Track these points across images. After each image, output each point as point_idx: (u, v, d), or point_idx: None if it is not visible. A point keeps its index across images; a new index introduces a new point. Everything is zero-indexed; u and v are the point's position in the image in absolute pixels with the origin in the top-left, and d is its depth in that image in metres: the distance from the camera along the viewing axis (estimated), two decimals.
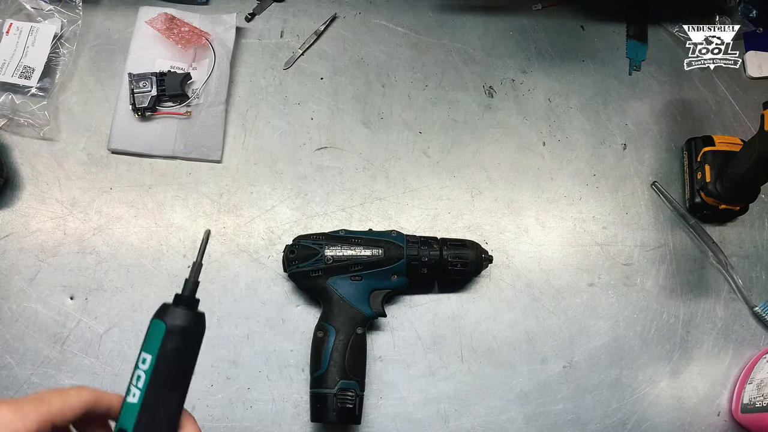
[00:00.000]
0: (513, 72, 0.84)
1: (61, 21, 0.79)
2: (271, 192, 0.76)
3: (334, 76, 0.82)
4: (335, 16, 0.84)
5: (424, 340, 0.72)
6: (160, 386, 0.44)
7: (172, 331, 0.45)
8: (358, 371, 0.65)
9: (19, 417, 0.40)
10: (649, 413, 0.72)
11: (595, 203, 0.80)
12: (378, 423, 0.68)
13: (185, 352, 0.46)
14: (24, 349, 0.67)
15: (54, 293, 0.70)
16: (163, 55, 0.78)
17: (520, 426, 0.70)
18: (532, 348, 0.73)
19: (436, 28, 0.86)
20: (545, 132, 0.82)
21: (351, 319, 0.66)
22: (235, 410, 0.67)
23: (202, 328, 0.46)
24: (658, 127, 0.84)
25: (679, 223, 0.80)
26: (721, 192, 0.75)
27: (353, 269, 0.66)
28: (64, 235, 0.72)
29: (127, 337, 0.69)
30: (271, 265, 0.73)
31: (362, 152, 0.79)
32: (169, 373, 0.45)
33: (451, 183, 0.78)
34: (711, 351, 0.75)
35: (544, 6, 0.88)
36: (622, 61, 0.87)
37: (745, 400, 0.71)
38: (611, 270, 0.77)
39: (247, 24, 0.83)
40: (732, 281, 0.77)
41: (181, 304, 0.46)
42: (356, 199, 0.77)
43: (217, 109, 0.76)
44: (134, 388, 0.43)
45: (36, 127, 0.74)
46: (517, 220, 0.78)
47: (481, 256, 0.70)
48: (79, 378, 0.67)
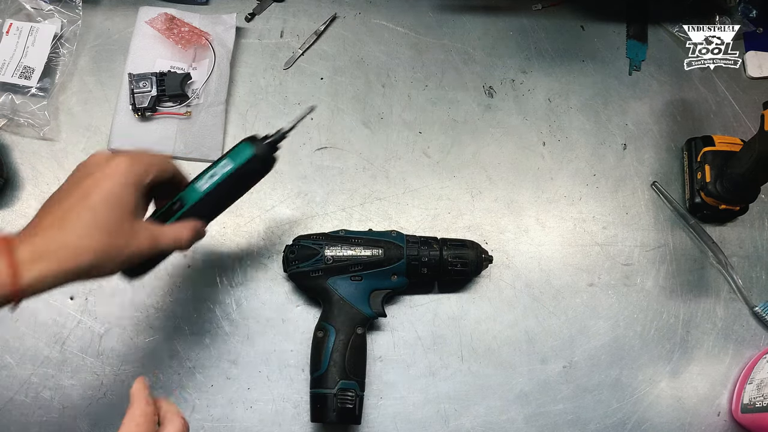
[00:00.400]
0: (513, 72, 0.84)
1: (61, 21, 0.79)
2: (271, 192, 0.76)
3: (334, 76, 0.82)
4: (335, 16, 0.84)
5: (424, 340, 0.72)
6: (225, 189, 0.56)
7: (257, 156, 0.56)
8: (358, 371, 0.65)
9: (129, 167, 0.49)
10: (649, 413, 0.72)
11: (595, 203, 0.80)
12: (378, 423, 0.68)
13: (254, 177, 0.58)
14: (24, 349, 0.67)
15: (54, 293, 0.69)
16: (163, 55, 0.78)
17: (520, 426, 0.70)
18: (532, 348, 0.73)
19: (436, 28, 0.86)
20: (545, 132, 0.82)
21: (351, 319, 0.66)
22: (235, 410, 0.67)
23: (272, 167, 0.58)
24: (658, 127, 0.84)
25: (679, 223, 0.80)
26: (721, 192, 0.75)
27: (353, 269, 0.66)
28: None
29: (127, 337, 0.69)
30: (271, 265, 0.73)
31: (362, 152, 0.79)
32: (234, 184, 0.57)
33: (451, 183, 0.78)
34: (711, 351, 0.75)
35: (544, 6, 0.88)
36: (622, 61, 0.87)
37: (745, 400, 0.71)
38: (611, 270, 0.77)
39: (247, 24, 0.83)
40: (732, 281, 0.77)
41: (267, 143, 0.56)
42: (356, 199, 0.77)
43: (217, 109, 0.76)
44: (207, 179, 0.55)
45: (36, 127, 0.74)
46: (517, 220, 0.78)
47: (481, 256, 0.70)
48: (79, 378, 0.67)
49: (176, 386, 0.67)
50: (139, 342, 0.69)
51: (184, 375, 0.68)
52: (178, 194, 0.56)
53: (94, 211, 0.47)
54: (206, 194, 0.55)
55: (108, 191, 0.48)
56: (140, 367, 0.68)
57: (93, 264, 0.47)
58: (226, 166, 0.55)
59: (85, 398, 0.66)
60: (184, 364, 0.68)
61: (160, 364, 0.68)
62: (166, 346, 0.69)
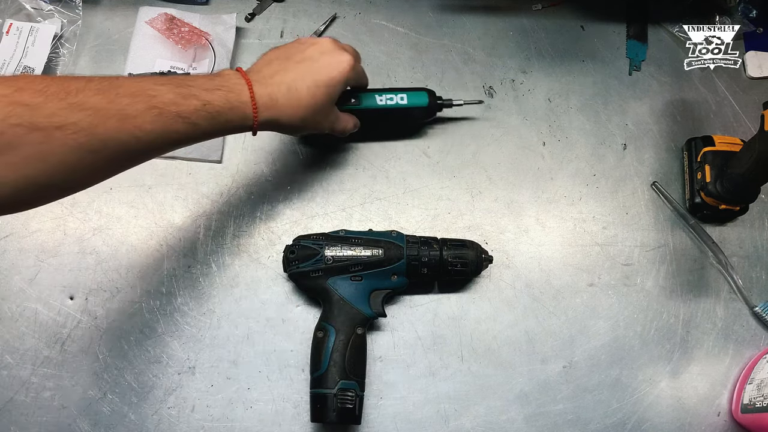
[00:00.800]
0: (513, 72, 0.84)
1: (61, 21, 0.79)
2: (271, 192, 0.76)
3: None
4: (335, 16, 0.84)
5: (424, 340, 0.72)
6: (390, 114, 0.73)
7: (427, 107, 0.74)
8: (358, 371, 0.65)
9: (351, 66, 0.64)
10: (649, 413, 0.72)
11: (595, 203, 0.80)
12: (378, 423, 0.68)
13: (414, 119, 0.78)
14: (24, 349, 0.67)
15: (54, 293, 0.70)
16: (163, 55, 0.78)
17: (520, 426, 0.70)
18: (532, 348, 0.73)
19: (436, 28, 0.86)
20: (545, 132, 0.82)
21: (351, 319, 0.66)
22: (235, 410, 0.67)
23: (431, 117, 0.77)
24: (658, 127, 0.84)
25: (679, 223, 0.80)
26: (721, 192, 0.75)
27: (353, 269, 0.66)
28: (64, 235, 0.72)
29: (127, 337, 0.69)
30: (271, 265, 0.73)
31: (362, 152, 0.79)
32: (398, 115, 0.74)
33: (451, 183, 0.78)
34: (711, 351, 0.75)
35: (544, 6, 0.88)
36: (622, 61, 0.87)
37: (745, 400, 0.71)
38: (611, 270, 0.77)
39: (247, 24, 0.83)
40: (732, 281, 0.77)
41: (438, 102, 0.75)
42: (356, 199, 0.77)
43: None
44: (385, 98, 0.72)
45: None
46: (517, 220, 0.78)
47: (481, 256, 0.70)
48: (79, 378, 0.67)
49: (176, 386, 0.67)
50: (138, 342, 0.69)
51: (184, 375, 0.68)
52: (359, 93, 0.72)
53: (317, 89, 0.61)
54: (378, 108, 0.72)
55: (332, 79, 0.62)
56: (140, 366, 0.68)
57: (296, 127, 0.63)
58: (403, 100, 0.72)
59: (85, 398, 0.66)
60: (184, 364, 0.68)
61: (160, 364, 0.68)
62: (166, 346, 0.69)
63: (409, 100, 0.73)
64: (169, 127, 0.51)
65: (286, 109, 0.60)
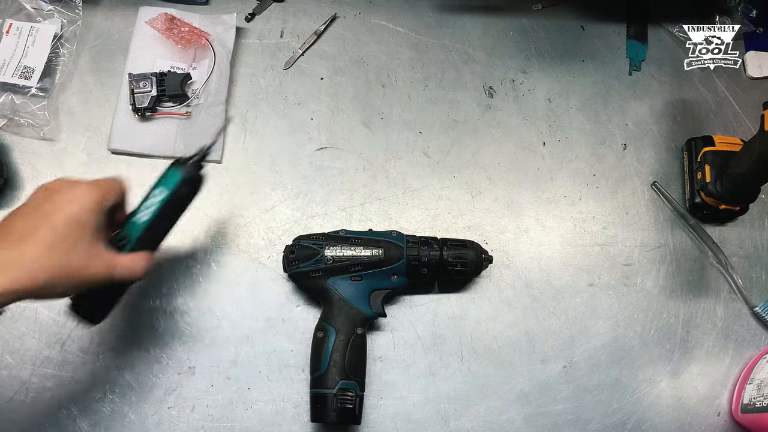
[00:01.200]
0: (513, 72, 0.84)
1: (61, 21, 0.79)
2: (271, 192, 0.76)
3: (334, 76, 0.82)
4: (335, 16, 0.84)
5: (424, 340, 0.72)
6: (164, 215, 0.58)
7: (186, 179, 0.59)
8: (358, 371, 0.65)
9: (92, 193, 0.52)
10: (649, 413, 0.72)
11: (595, 203, 0.80)
12: (378, 423, 0.68)
13: (188, 198, 0.60)
14: (24, 349, 0.67)
15: None
16: (163, 55, 0.78)
17: (520, 426, 0.70)
18: (532, 348, 0.73)
19: (436, 28, 0.86)
20: (545, 132, 0.82)
21: (351, 319, 0.66)
22: (235, 410, 0.67)
23: (202, 185, 0.61)
24: (658, 127, 0.84)
25: (679, 223, 0.80)
26: (721, 192, 0.75)
27: (353, 269, 0.66)
28: None
29: (127, 337, 0.69)
30: (271, 265, 0.73)
31: (362, 152, 0.79)
32: (173, 208, 0.59)
33: (451, 183, 0.78)
34: (711, 351, 0.75)
35: (544, 6, 0.88)
36: (622, 61, 0.87)
37: (745, 400, 0.71)
38: (611, 270, 0.77)
39: (247, 24, 0.83)
40: (732, 281, 0.77)
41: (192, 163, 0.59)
42: (356, 199, 0.77)
43: (217, 109, 0.76)
44: (145, 210, 0.57)
45: (36, 128, 0.74)
46: (517, 220, 0.78)
47: (481, 256, 0.70)
48: (79, 378, 0.67)
49: (176, 386, 0.67)
50: (138, 342, 0.69)
51: (184, 375, 0.68)
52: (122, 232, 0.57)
53: (55, 231, 0.49)
54: (147, 227, 0.57)
55: (70, 213, 0.50)
56: (140, 366, 0.68)
57: (47, 283, 0.48)
58: (161, 194, 0.58)
59: (85, 398, 0.66)
60: (184, 364, 0.68)
61: (160, 364, 0.68)
62: (166, 346, 0.69)
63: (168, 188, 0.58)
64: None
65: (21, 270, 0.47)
